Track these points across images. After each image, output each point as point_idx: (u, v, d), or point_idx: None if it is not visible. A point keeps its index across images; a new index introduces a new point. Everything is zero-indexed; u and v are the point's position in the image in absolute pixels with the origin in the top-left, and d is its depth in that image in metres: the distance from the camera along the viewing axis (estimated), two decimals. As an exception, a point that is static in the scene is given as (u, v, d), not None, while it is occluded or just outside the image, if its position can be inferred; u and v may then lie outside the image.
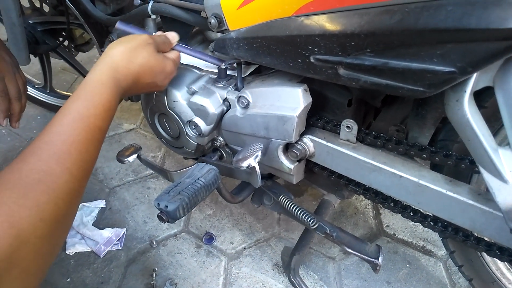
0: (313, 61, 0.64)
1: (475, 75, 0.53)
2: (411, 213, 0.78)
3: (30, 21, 1.33)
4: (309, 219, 0.85)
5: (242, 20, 0.73)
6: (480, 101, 0.60)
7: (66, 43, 1.42)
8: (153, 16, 0.90)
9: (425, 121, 0.72)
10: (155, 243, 1.21)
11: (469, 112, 0.56)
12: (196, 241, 1.22)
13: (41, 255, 0.48)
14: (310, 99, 0.75)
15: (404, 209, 0.79)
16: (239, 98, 0.81)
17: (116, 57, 0.67)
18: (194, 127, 0.86)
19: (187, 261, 1.16)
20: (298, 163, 0.82)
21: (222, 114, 0.84)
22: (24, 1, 1.25)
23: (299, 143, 0.79)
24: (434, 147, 0.70)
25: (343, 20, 0.57)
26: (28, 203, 0.46)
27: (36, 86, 1.65)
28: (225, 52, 0.78)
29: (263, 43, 0.70)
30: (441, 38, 0.50)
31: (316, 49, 0.63)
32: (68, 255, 1.17)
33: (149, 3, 0.87)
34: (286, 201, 0.89)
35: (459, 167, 0.65)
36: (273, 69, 0.82)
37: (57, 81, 1.85)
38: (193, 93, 0.84)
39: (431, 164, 0.76)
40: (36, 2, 1.37)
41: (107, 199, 1.35)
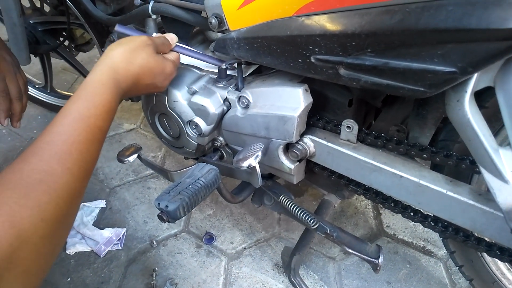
0: (313, 61, 0.64)
1: (475, 75, 0.53)
2: (412, 213, 0.78)
3: (30, 21, 1.33)
4: (310, 219, 0.85)
5: (242, 20, 0.73)
6: (480, 101, 0.60)
7: (66, 43, 1.42)
8: (154, 16, 0.90)
9: (426, 121, 0.72)
10: (155, 243, 1.21)
11: (470, 112, 0.55)
12: (196, 241, 1.22)
13: (42, 255, 0.48)
14: (310, 99, 0.75)
15: (404, 209, 0.79)
16: (239, 98, 0.81)
17: (116, 58, 0.67)
18: (194, 127, 0.86)
19: (187, 261, 1.16)
20: (298, 163, 0.82)
21: (222, 114, 0.84)
22: (24, 1, 1.25)
23: (300, 143, 0.79)
24: (434, 147, 0.70)
25: (343, 20, 0.57)
26: (29, 203, 0.46)
27: (36, 86, 1.65)
28: (226, 52, 0.78)
29: (263, 43, 0.70)
30: (441, 38, 0.50)
31: (316, 49, 0.63)
32: (68, 255, 1.17)
33: (149, 3, 0.87)
34: (286, 201, 0.89)
35: (459, 167, 0.65)
36: (273, 69, 0.82)
37: (58, 81, 1.85)
38: (194, 93, 0.84)
39: (431, 164, 0.76)
40: (36, 2, 1.37)
41: (107, 199, 1.35)
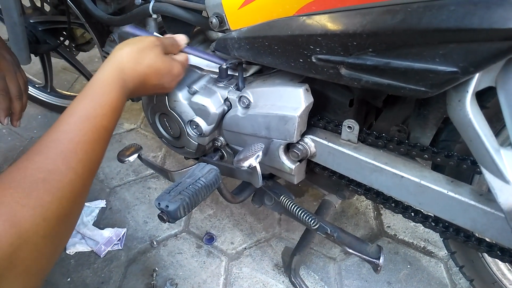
0: (314, 61, 0.64)
1: (477, 75, 0.53)
2: (412, 214, 0.78)
3: (31, 21, 1.33)
4: (310, 220, 0.85)
5: (243, 19, 0.73)
6: (482, 101, 0.60)
7: (67, 42, 1.42)
8: (154, 15, 0.90)
9: (427, 122, 0.72)
10: (155, 243, 1.20)
11: (471, 112, 0.55)
12: (196, 241, 1.22)
13: (43, 254, 0.48)
14: (311, 99, 0.74)
15: (405, 210, 0.79)
16: (240, 98, 0.80)
17: (123, 58, 0.67)
18: (195, 127, 0.86)
19: (188, 261, 1.16)
20: (299, 163, 0.82)
21: (223, 114, 0.84)
22: (25, 1, 1.25)
23: (300, 143, 0.79)
24: (435, 147, 0.70)
25: (345, 19, 0.57)
26: (31, 202, 0.46)
27: (36, 85, 1.65)
28: (226, 52, 0.78)
29: (264, 42, 0.70)
30: (443, 38, 0.50)
31: (317, 49, 0.62)
32: (68, 255, 1.17)
33: (150, 2, 0.87)
34: (287, 202, 0.89)
35: (460, 167, 0.65)
36: (274, 69, 0.82)
37: (58, 81, 1.84)
38: (194, 93, 0.84)
39: (432, 164, 0.76)
40: (37, 1, 1.37)
41: (107, 199, 1.35)
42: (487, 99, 0.63)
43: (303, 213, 0.86)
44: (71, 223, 0.55)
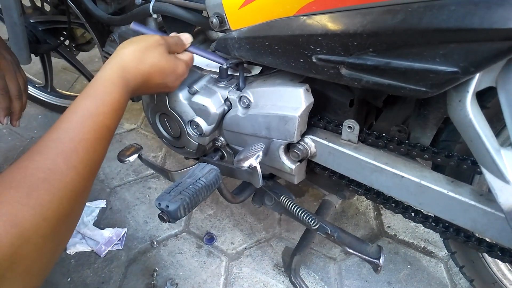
0: (315, 61, 0.64)
1: (477, 75, 0.53)
2: (413, 214, 0.78)
3: (31, 20, 1.33)
4: (310, 220, 0.85)
5: (244, 19, 0.72)
6: (482, 101, 0.60)
7: (67, 42, 1.42)
8: (155, 15, 0.90)
9: (427, 122, 0.72)
10: (155, 243, 1.20)
11: (472, 112, 0.55)
12: (197, 241, 1.22)
13: (44, 254, 0.47)
14: (311, 99, 0.74)
15: (405, 210, 0.79)
16: (240, 98, 0.80)
17: (126, 57, 0.67)
18: (195, 127, 0.86)
19: (188, 261, 1.16)
20: (299, 163, 0.82)
21: (223, 114, 0.84)
22: (25, 0, 1.25)
23: (301, 143, 0.79)
24: (436, 147, 0.70)
25: (345, 19, 0.57)
26: (32, 202, 0.46)
27: (37, 85, 1.65)
28: (227, 51, 0.78)
29: (265, 42, 0.69)
30: (444, 38, 0.50)
31: (318, 49, 0.62)
32: (68, 255, 1.17)
33: (150, 2, 0.87)
34: (287, 202, 0.89)
35: (461, 167, 0.65)
36: (274, 69, 0.82)
37: (58, 81, 1.84)
38: (195, 93, 0.84)
39: (433, 164, 0.76)
40: (37, 1, 1.37)
41: (107, 199, 1.35)
42: (487, 99, 0.63)
43: (303, 213, 0.86)
44: (72, 223, 0.55)
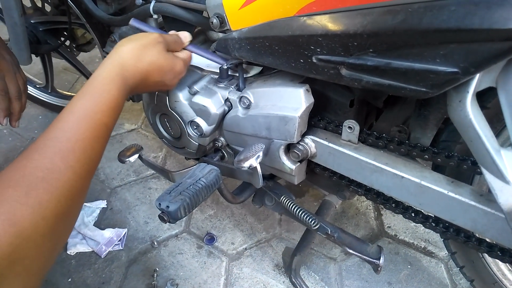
0: (315, 61, 0.64)
1: (478, 76, 0.53)
2: (413, 214, 0.78)
3: (31, 21, 1.33)
4: (311, 220, 0.85)
5: (244, 20, 0.73)
6: (482, 101, 0.60)
7: (67, 43, 1.42)
8: (155, 16, 0.90)
9: (428, 122, 0.72)
10: (156, 244, 1.20)
11: (472, 113, 0.55)
12: (197, 241, 1.22)
13: (42, 253, 0.47)
14: (312, 100, 0.74)
15: (405, 210, 0.79)
16: (240, 98, 0.80)
17: (124, 55, 0.67)
18: (195, 127, 0.86)
19: (188, 261, 1.16)
20: (299, 163, 0.82)
21: (223, 114, 0.84)
22: (25, 1, 1.25)
23: (301, 143, 0.79)
24: (436, 148, 0.70)
25: (345, 20, 0.57)
26: (30, 201, 0.46)
27: (37, 86, 1.65)
28: (227, 52, 0.78)
29: (265, 43, 0.70)
30: (444, 38, 0.50)
31: (318, 49, 0.62)
32: (69, 255, 1.17)
33: (151, 2, 0.87)
34: (287, 202, 0.89)
35: (461, 168, 0.65)
36: (275, 69, 0.82)
37: (59, 81, 1.84)
38: (195, 93, 0.84)
39: (433, 165, 0.76)
40: (37, 1, 1.37)
41: (108, 199, 1.35)
42: (487, 99, 0.63)
43: (303, 214, 0.86)
44: (70, 222, 0.55)
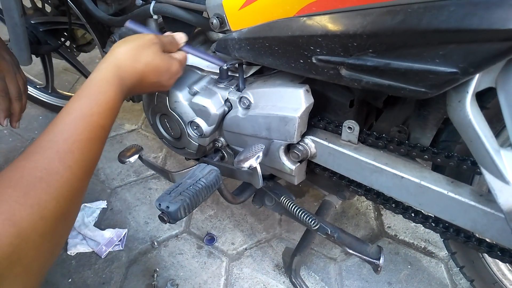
0: (315, 61, 0.64)
1: (477, 76, 0.53)
2: (413, 214, 0.78)
3: (32, 21, 1.33)
4: (311, 220, 0.85)
5: (244, 20, 0.73)
6: (482, 102, 0.60)
7: (68, 43, 1.42)
8: (155, 16, 0.90)
9: (427, 122, 0.72)
10: (156, 244, 1.21)
11: (471, 113, 0.55)
12: (197, 241, 1.22)
13: (42, 253, 0.48)
14: (311, 100, 0.74)
15: (405, 210, 0.79)
16: (240, 98, 0.81)
17: (121, 56, 0.67)
18: (195, 127, 0.86)
19: (188, 261, 1.16)
20: (299, 164, 0.82)
21: (223, 114, 0.84)
22: (26, 1, 1.25)
23: (301, 144, 0.79)
24: (436, 148, 0.70)
25: (345, 20, 0.57)
26: (29, 201, 0.46)
27: (38, 86, 1.65)
28: (227, 52, 0.78)
29: (265, 43, 0.70)
30: (443, 38, 0.50)
31: (318, 50, 0.63)
32: (69, 256, 1.17)
33: (151, 3, 0.87)
34: (287, 202, 0.89)
35: (461, 168, 0.65)
36: (275, 69, 0.82)
37: (59, 82, 1.85)
38: (195, 93, 0.84)
39: (432, 165, 0.76)
40: (38, 2, 1.37)
41: (108, 200, 1.35)
42: (487, 99, 0.63)
43: (303, 214, 0.86)
44: (69, 222, 0.55)
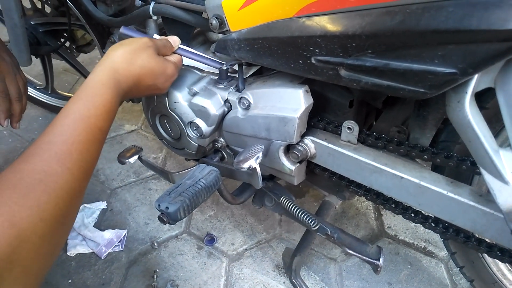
0: (314, 62, 0.64)
1: (476, 76, 0.53)
2: (412, 214, 0.78)
3: (31, 22, 1.33)
4: (310, 220, 0.85)
5: (243, 21, 0.73)
6: (481, 102, 0.60)
7: (67, 44, 1.42)
8: (155, 17, 0.90)
9: (427, 122, 0.72)
10: (156, 245, 1.21)
11: (470, 113, 0.55)
12: (197, 242, 1.22)
13: (41, 254, 0.48)
14: (311, 100, 0.74)
15: (405, 210, 0.79)
16: (240, 99, 0.81)
17: (116, 59, 0.68)
18: (195, 128, 0.86)
19: (188, 262, 1.16)
20: (299, 164, 0.82)
21: (223, 115, 0.84)
22: (25, 2, 1.25)
23: (300, 144, 0.79)
24: (435, 148, 0.70)
25: (344, 21, 0.57)
26: (28, 203, 0.47)
27: (37, 87, 1.65)
28: (227, 53, 0.78)
29: (264, 44, 0.70)
30: (442, 39, 0.50)
31: (317, 50, 0.63)
32: (69, 257, 1.17)
33: (150, 4, 0.87)
34: (287, 202, 0.89)
35: (460, 168, 0.65)
36: (274, 70, 0.82)
37: (59, 82, 1.85)
38: (194, 94, 0.84)
39: (432, 165, 0.76)
40: (37, 3, 1.37)
41: (108, 201, 1.35)
42: (486, 100, 0.63)
43: (303, 214, 0.86)
44: (68, 224, 0.55)
